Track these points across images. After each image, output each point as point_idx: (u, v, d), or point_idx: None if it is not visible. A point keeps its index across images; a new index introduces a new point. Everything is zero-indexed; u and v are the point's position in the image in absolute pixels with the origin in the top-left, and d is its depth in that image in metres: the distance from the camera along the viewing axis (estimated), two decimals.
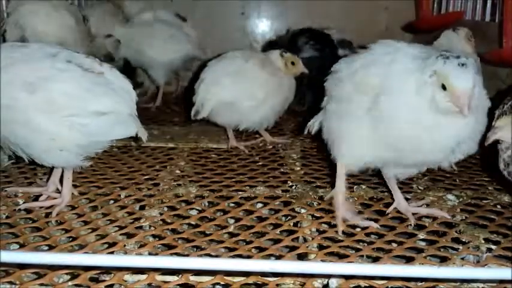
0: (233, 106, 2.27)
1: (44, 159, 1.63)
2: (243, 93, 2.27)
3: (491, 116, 1.46)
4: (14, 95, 1.50)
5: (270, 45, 3.15)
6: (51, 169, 1.82)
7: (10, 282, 1.25)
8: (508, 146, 1.43)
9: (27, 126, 1.52)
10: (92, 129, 1.59)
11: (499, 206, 1.74)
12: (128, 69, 3.25)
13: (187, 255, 1.40)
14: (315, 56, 2.92)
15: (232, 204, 1.77)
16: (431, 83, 1.36)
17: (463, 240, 1.50)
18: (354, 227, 1.58)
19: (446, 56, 1.37)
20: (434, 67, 1.36)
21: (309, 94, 3.21)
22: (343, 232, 1.55)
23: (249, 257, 1.40)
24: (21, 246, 1.46)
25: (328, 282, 1.26)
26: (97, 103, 1.59)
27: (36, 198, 1.77)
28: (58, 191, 1.77)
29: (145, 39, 3.14)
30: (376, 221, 1.63)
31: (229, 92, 2.26)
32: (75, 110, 1.56)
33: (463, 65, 1.33)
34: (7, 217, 1.62)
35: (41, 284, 1.24)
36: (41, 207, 1.68)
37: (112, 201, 1.75)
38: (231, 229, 1.57)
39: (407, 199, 1.73)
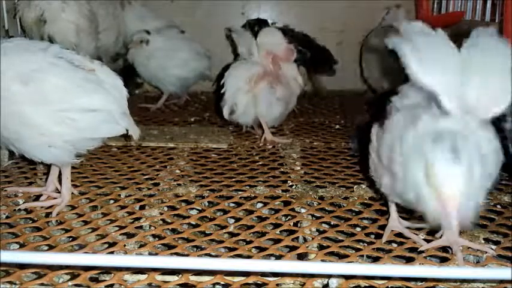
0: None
1: (34, 154, 1.62)
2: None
3: None
4: (5, 85, 1.49)
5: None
6: (49, 168, 1.81)
7: (10, 282, 1.25)
8: None
9: (17, 118, 1.51)
10: (80, 125, 1.58)
11: (499, 206, 1.74)
12: (129, 70, 3.25)
13: (187, 255, 1.40)
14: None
15: (232, 204, 1.77)
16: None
17: None
18: (354, 226, 1.59)
19: (440, 134, 1.07)
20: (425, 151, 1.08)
21: None
22: (343, 232, 1.55)
23: (249, 257, 1.40)
24: (21, 246, 1.46)
25: (328, 282, 1.26)
26: (87, 99, 1.59)
27: (36, 198, 1.77)
28: (58, 191, 1.77)
29: (169, 56, 3.14)
30: (376, 220, 1.63)
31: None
32: (64, 105, 1.55)
33: (454, 151, 1.03)
34: (7, 217, 1.62)
35: (41, 284, 1.24)
36: (41, 207, 1.68)
37: (112, 201, 1.75)
38: (231, 229, 1.57)
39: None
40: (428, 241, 1.48)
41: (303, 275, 1.27)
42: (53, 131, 1.55)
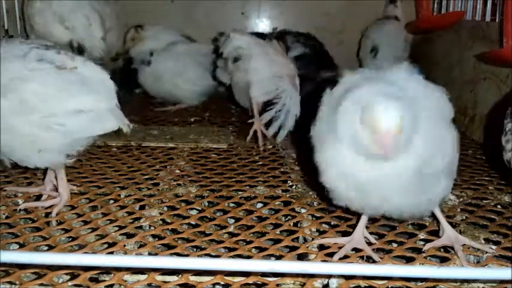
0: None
1: (28, 162, 1.61)
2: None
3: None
4: None
5: None
6: (46, 169, 1.81)
7: (10, 282, 1.25)
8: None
9: (6, 132, 1.49)
10: (70, 128, 1.56)
11: (499, 206, 1.74)
12: (129, 70, 3.24)
13: (187, 255, 1.40)
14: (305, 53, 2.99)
15: (232, 204, 1.77)
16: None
17: None
18: (354, 226, 1.58)
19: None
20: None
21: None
22: (343, 232, 1.55)
23: (249, 257, 1.40)
24: (21, 246, 1.46)
25: (328, 282, 1.26)
26: (73, 101, 1.56)
27: (36, 198, 1.77)
28: (56, 190, 1.76)
29: (180, 72, 3.12)
30: (375, 220, 1.63)
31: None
32: (50, 110, 1.53)
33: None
34: (7, 217, 1.62)
35: (41, 284, 1.24)
36: (40, 207, 1.68)
37: (112, 201, 1.75)
38: (231, 229, 1.57)
39: None
40: (428, 241, 1.49)
41: (303, 275, 1.27)
42: (43, 138, 1.54)
